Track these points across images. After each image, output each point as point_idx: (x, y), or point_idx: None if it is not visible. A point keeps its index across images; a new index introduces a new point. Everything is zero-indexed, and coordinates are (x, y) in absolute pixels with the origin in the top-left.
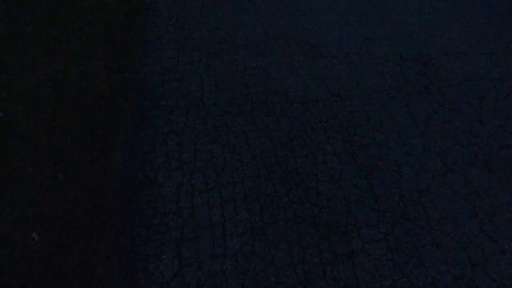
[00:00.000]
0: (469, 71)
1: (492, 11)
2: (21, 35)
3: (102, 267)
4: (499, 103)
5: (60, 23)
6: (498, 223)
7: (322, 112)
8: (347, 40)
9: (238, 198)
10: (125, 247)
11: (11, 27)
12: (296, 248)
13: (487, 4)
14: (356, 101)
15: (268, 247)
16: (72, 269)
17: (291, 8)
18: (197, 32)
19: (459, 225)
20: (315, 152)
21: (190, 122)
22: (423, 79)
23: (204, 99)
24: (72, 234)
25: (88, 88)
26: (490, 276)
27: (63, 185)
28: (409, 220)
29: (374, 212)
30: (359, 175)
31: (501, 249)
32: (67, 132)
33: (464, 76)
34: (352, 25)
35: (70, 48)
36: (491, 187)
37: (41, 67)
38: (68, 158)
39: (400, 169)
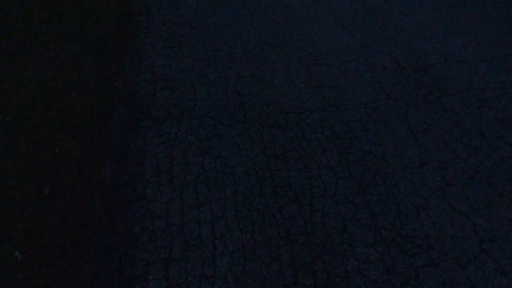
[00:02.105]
0: (469, 79)
1: (492, 17)
2: (10, 40)
3: None
4: (500, 112)
5: (51, 29)
6: (500, 242)
7: (317, 123)
8: (344, 47)
9: (229, 215)
10: (111, 267)
11: (0, 31)
12: (289, 269)
13: (487, 10)
14: (353, 111)
15: (259, 267)
16: None
17: (287, 14)
18: (191, 38)
19: (459, 244)
20: (309, 165)
21: (182, 133)
22: (421, 88)
23: (196, 108)
24: (56, 252)
25: (77, 97)
26: None
27: (49, 201)
28: (407, 238)
29: (370, 230)
30: (355, 190)
31: (503, 270)
32: (54, 144)
33: (464, 85)
34: (350, 32)
35: (60, 55)
36: (492, 203)
37: (30, 74)
38: (55, 171)
39: (397, 183)
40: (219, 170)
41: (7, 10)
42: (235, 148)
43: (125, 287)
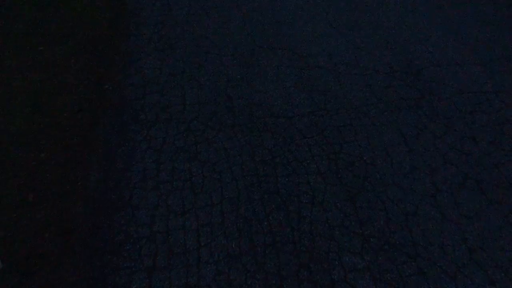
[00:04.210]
0: (461, 83)
1: (487, 19)
2: None
3: None
4: (493, 117)
5: (42, 31)
6: (489, 250)
7: (307, 127)
8: (336, 50)
9: (215, 222)
10: (93, 275)
11: None
12: (274, 278)
13: (482, 12)
14: (343, 115)
15: (244, 276)
16: None
17: (280, 16)
18: (182, 40)
19: (448, 252)
20: (298, 171)
21: (170, 137)
22: (413, 92)
23: (185, 112)
24: (38, 261)
25: (65, 101)
26: None
27: (33, 207)
28: (395, 246)
29: (358, 238)
30: (343, 197)
31: (492, 280)
32: (40, 149)
33: (457, 89)
34: (342, 34)
35: (50, 57)
36: (482, 210)
37: (18, 77)
38: (40, 177)
39: (386, 189)
40: (207, 176)
41: None
42: (223, 153)
43: None
